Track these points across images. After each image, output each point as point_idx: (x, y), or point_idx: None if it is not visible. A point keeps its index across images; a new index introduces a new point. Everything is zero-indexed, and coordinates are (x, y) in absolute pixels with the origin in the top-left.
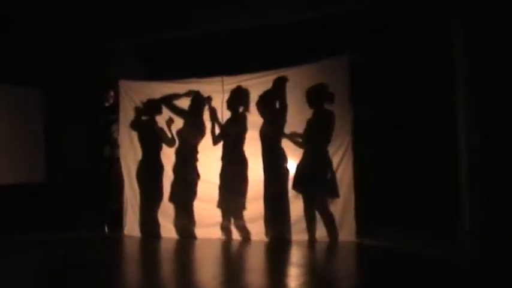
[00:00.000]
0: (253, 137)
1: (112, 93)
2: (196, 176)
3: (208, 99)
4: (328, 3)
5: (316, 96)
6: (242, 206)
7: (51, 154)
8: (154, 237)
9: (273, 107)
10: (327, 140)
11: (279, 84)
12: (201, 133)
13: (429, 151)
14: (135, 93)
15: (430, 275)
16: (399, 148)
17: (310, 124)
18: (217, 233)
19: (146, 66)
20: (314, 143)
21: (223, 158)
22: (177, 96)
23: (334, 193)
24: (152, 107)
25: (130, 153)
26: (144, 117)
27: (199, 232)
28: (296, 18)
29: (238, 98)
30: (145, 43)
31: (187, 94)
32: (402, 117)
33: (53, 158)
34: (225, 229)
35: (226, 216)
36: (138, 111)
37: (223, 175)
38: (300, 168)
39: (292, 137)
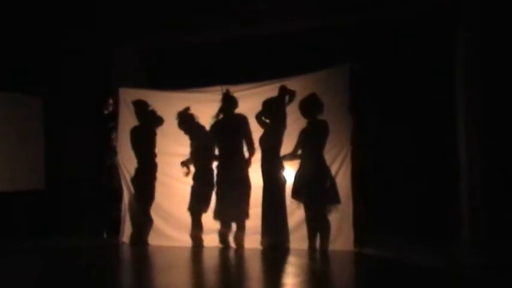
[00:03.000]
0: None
1: (111, 101)
2: (212, 187)
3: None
4: (331, 12)
5: (308, 108)
6: (245, 214)
7: (51, 161)
8: (147, 244)
9: (273, 116)
10: (322, 148)
11: (282, 94)
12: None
13: (430, 160)
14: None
15: (429, 285)
16: (399, 157)
17: (305, 134)
18: (214, 241)
19: (147, 73)
20: (310, 152)
21: (220, 165)
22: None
23: (335, 199)
24: (146, 112)
25: (129, 161)
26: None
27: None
28: (297, 27)
29: (231, 105)
30: (147, 50)
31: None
32: (403, 126)
33: (52, 166)
34: (223, 236)
35: (225, 223)
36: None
37: (222, 182)
38: (298, 177)
39: (287, 159)
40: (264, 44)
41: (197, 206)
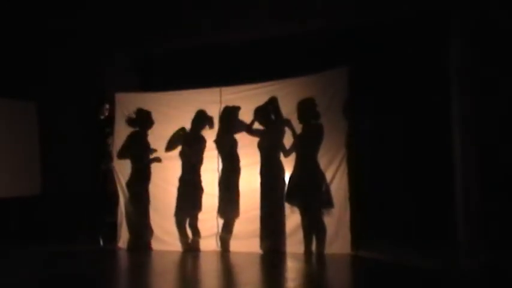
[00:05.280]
0: (251, 148)
1: (107, 106)
2: (201, 190)
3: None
4: (328, 16)
5: (305, 113)
6: (235, 217)
7: (46, 167)
8: (145, 249)
9: (270, 119)
10: (316, 152)
11: (271, 104)
12: (202, 148)
13: (426, 163)
14: (131, 105)
15: (427, 287)
16: (396, 160)
17: (300, 138)
18: (213, 245)
19: (142, 78)
20: (304, 155)
21: (222, 170)
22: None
23: (329, 204)
24: (144, 118)
25: (124, 166)
26: (134, 128)
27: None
28: (295, 30)
29: (228, 116)
30: (142, 55)
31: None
32: (399, 130)
33: (48, 171)
34: (223, 240)
35: (225, 227)
36: (130, 121)
37: (221, 186)
38: (292, 181)
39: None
40: (262, 46)
41: (187, 209)
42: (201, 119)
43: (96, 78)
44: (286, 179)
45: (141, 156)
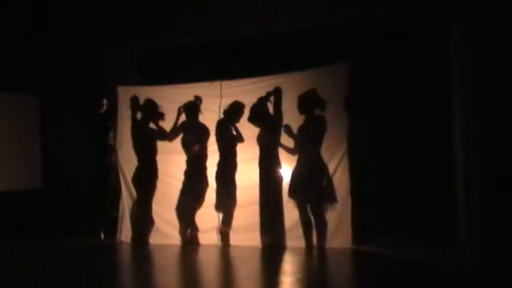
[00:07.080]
0: (250, 143)
1: (105, 101)
2: (206, 185)
3: (199, 100)
4: (329, 11)
5: (307, 103)
6: (232, 211)
7: (48, 161)
8: (148, 243)
9: (269, 114)
10: (319, 145)
11: (275, 94)
12: (205, 138)
13: (428, 158)
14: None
15: (427, 283)
16: (398, 155)
17: (302, 131)
18: (213, 239)
19: (143, 73)
20: (307, 149)
21: (218, 164)
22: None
23: (331, 198)
24: (150, 109)
25: (127, 160)
26: (139, 118)
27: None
28: (296, 25)
29: (233, 112)
30: (141, 50)
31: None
32: (401, 124)
33: (49, 165)
34: (223, 234)
35: (224, 220)
36: (135, 108)
37: (218, 180)
38: (295, 175)
39: (285, 149)
40: (262, 42)
41: (189, 203)
42: (194, 107)
43: (98, 73)
44: (284, 173)
45: (147, 148)
